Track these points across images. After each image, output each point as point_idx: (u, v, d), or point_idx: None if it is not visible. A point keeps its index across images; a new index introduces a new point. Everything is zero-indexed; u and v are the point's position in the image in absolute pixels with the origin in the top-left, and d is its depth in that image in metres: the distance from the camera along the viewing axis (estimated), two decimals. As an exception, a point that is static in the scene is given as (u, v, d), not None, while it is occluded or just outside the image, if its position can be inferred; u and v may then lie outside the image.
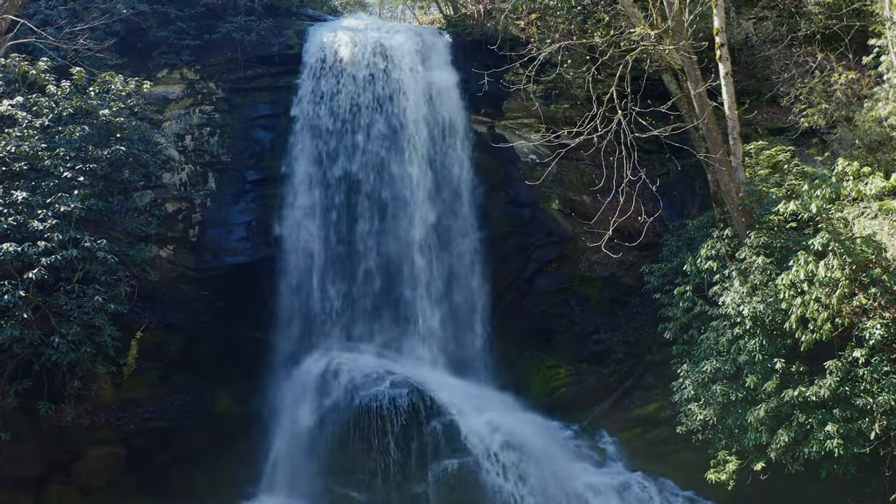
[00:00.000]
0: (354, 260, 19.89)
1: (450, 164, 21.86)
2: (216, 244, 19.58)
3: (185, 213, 19.68)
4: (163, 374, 17.97)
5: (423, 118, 21.81)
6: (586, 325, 21.08)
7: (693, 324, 17.71)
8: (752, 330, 15.59)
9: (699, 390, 16.48)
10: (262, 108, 21.41)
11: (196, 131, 20.52)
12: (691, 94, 16.76)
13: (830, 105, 18.84)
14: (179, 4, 21.27)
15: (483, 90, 23.33)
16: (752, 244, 16.22)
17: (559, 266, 21.72)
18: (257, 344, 19.03)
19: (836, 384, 14.18)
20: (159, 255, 18.85)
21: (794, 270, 14.74)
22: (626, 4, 19.09)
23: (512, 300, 21.35)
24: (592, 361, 20.31)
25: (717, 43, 18.14)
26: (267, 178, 20.59)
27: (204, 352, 18.55)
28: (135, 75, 20.34)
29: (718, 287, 16.67)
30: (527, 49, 24.94)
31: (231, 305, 19.19)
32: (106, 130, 15.63)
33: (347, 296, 19.65)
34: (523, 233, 21.80)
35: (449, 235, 21.02)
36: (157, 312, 17.76)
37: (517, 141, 23.93)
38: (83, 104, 15.53)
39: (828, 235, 14.65)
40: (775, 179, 18.69)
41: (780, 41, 24.63)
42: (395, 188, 20.84)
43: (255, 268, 19.60)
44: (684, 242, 19.86)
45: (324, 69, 21.40)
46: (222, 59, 21.40)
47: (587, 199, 22.74)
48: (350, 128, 20.93)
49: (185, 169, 20.05)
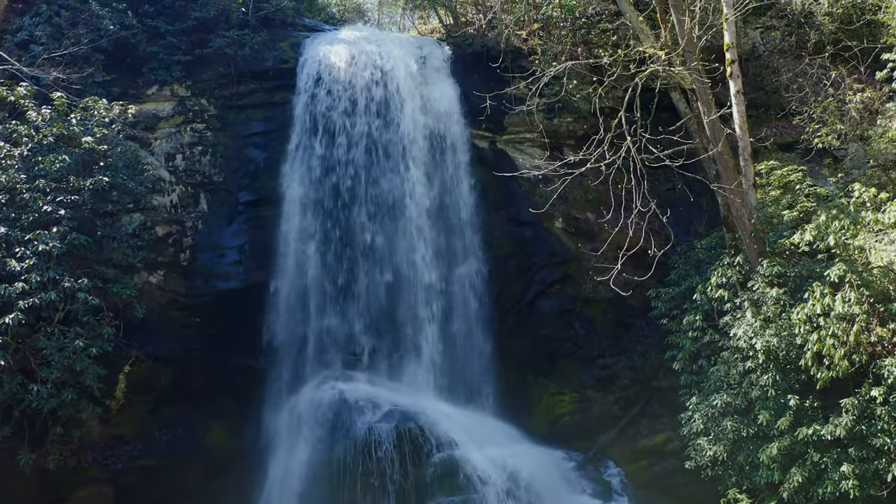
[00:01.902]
0: (351, 284, 19.22)
1: (450, 181, 21.20)
2: (208, 269, 18.91)
3: (176, 237, 18.98)
4: (152, 407, 17.35)
5: (422, 134, 21.14)
6: (591, 348, 20.48)
7: (702, 353, 17.11)
8: (764, 364, 15.00)
9: (709, 424, 15.88)
10: (255, 125, 20.71)
11: (187, 150, 19.81)
12: (703, 120, 16.08)
13: (845, 125, 18.19)
14: (170, 18, 20.51)
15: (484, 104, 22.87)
16: (765, 273, 15.63)
17: (562, 287, 21.11)
18: (251, 372, 18.42)
19: (852, 423, 13.64)
20: (149, 280, 18.20)
21: (809, 304, 14.22)
22: (633, 20, 18.40)
23: (514, 323, 20.73)
24: (597, 388, 19.70)
25: (727, 59, 17.48)
26: (261, 199, 19.91)
27: (196, 381, 17.92)
28: (123, 92, 19.74)
29: (729, 318, 16.05)
30: (529, 60, 24.52)
31: (224, 332, 18.54)
32: (89, 158, 14.94)
33: (344, 321, 19.00)
34: (525, 253, 21.18)
35: (449, 257, 20.37)
36: (146, 343, 17.12)
37: (519, 157, 23.30)
38: (65, 130, 14.83)
39: (844, 266, 14.11)
40: (787, 200, 18.05)
41: (788, 52, 23.99)
42: (393, 208, 20.17)
43: (249, 293, 18.92)
44: (692, 265, 19.23)
45: (319, 84, 20.70)
46: (214, 75, 20.68)
47: (591, 216, 22.12)
48: (346, 146, 20.25)
49: (176, 190, 19.35)
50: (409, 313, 19.49)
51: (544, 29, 24.50)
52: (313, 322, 18.96)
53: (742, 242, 16.97)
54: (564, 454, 18.15)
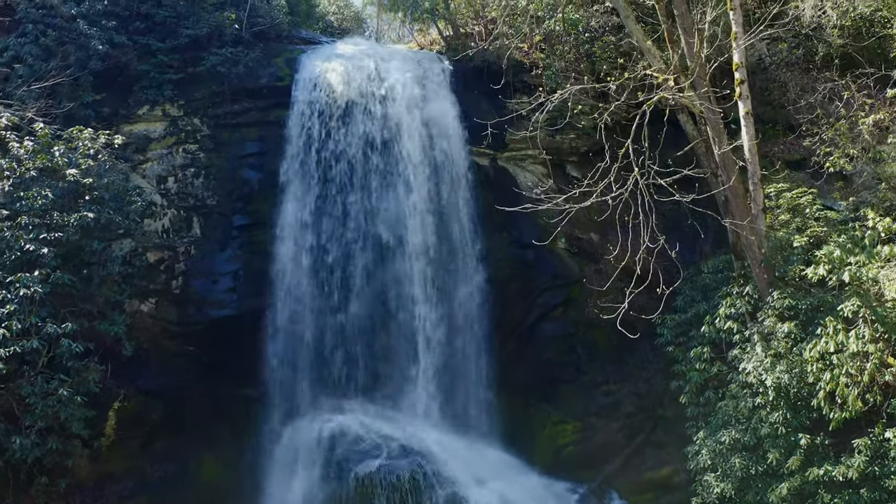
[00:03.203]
0: (349, 310, 18.70)
1: (450, 202, 20.64)
2: (201, 296, 18.39)
3: (168, 263, 18.45)
4: (144, 441, 16.86)
5: (421, 153, 20.57)
6: (594, 373, 20.00)
7: (709, 384, 16.64)
8: (774, 401, 14.56)
9: (716, 460, 15.43)
10: (250, 145, 20.11)
11: (179, 172, 19.24)
12: (714, 151, 15.55)
13: (856, 148, 17.65)
14: (161, 36, 19.89)
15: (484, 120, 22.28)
16: (776, 305, 15.17)
17: (565, 311, 20.62)
18: (246, 402, 17.92)
19: (865, 464, 13.23)
20: (140, 309, 17.66)
21: (822, 342, 13.78)
22: (640, 40, 17.82)
23: (515, 348, 20.23)
24: (601, 415, 19.23)
25: (737, 80, 16.94)
26: (255, 222, 19.35)
27: (189, 413, 17.43)
28: (114, 112, 19.19)
29: (738, 351, 15.60)
30: (531, 75, 23.94)
31: (217, 361, 18.04)
32: (73, 192, 14.37)
33: (341, 349, 18.49)
34: (527, 276, 20.66)
35: (449, 280, 19.83)
36: (137, 377, 16.60)
37: (521, 174, 22.75)
38: (48, 162, 14.27)
39: (858, 301, 13.65)
40: (797, 224, 17.55)
41: (796, 65, 23.40)
42: (391, 231, 19.62)
43: (243, 321, 18.40)
44: (699, 290, 18.72)
45: (315, 103, 20.10)
46: (207, 93, 20.06)
47: (595, 236, 21.59)
48: (343, 166, 19.69)
49: (168, 214, 18.80)
50: (407, 339, 18.99)
51: (546, 41, 23.92)
52: (309, 350, 18.45)
53: (751, 271, 16.49)
54: (569, 486, 17.67)
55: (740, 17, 17.57)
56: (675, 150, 17.08)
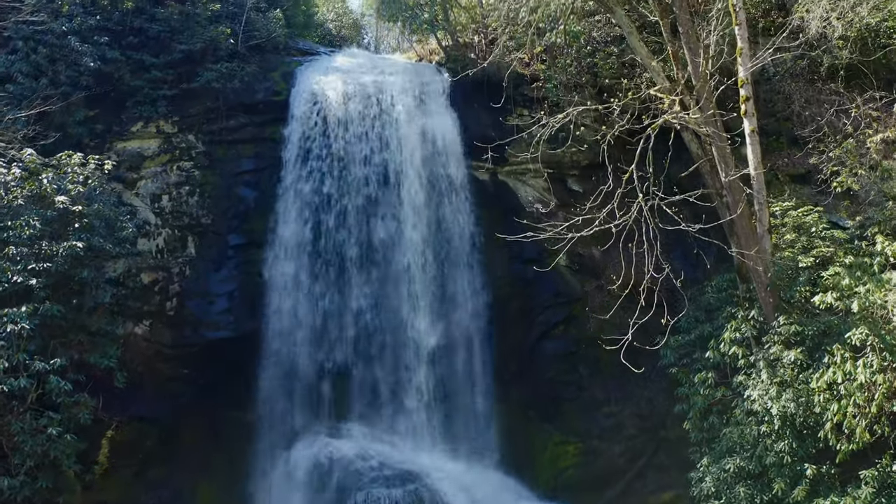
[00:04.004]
0: (345, 331, 18.38)
1: (449, 218, 20.31)
2: (196, 318, 18.06)
3: (162, 284, 18.11)
4: (138, 469, 16.55)
5: (420, 169, 20.24)
6: (596, 392, 19.65)
7: (713, 409, 16.34)
8: (780, 430, 14.26)
9: (720, 488, 15.10)
10: (245, 162, 19.77)
11: (174, 191, 18.89)
12: (722, 179, 15.21)
13: (864, 167, 17.30)
14: (155, 51, 19.51)
15: (484, 134, 21.89)
16: (781, 332, 14.85)
17: (566, 329, 20.28)
18: (242, 426, 17.61)
19: (872, 496, 12.94)
20: (134, 332, 17.34)
21: (829, 371, 13.48)
22: (643, 57, 17.45)
23: (516, 367, 19.90)
24: (603, 437, 18.91)
25: (742, 96, 16.57)
26: (251, 242, 19.02)
27: (184, 437, 17.14)
28: (107, 129, 18.84)
29: (743, 377, 15.27)
30: (531, 87, 23.57)
31: (213, 384, 17.71)
32: (63, 219, 14.03)
33: (338, 371, 18.17)
34: (528, 294, 20.31)
35: (447, 299, 19.50)
36: (130, 405, 16.25)
37: (521, 189, 22.42)
38: (37, 189, 13.92)
39: (866, 330, 13.36)
40: (802, 243, 17.23)
41: (800, 76, 23.03)
42: (389, 249, 19.30)
43: (239, 343, 18.07)
44: (702, 310, 18.39)
45: (312, 118, 19.75)
46: (202, 109, 19.71)
47: (596, 252, 21.22)
48: (341, 183, 19.35)
49: (162, 233, 18.46)
50: (406, 360, 18.68)
51: (547, 52, 23.54)
52: (306, 372, 18.14)
53: (756, 293, 16.17)
54: (570, 510, 17.42)
55: (745, 32, 17.19)
56: (678, 165, 16.80)
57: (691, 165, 18.09)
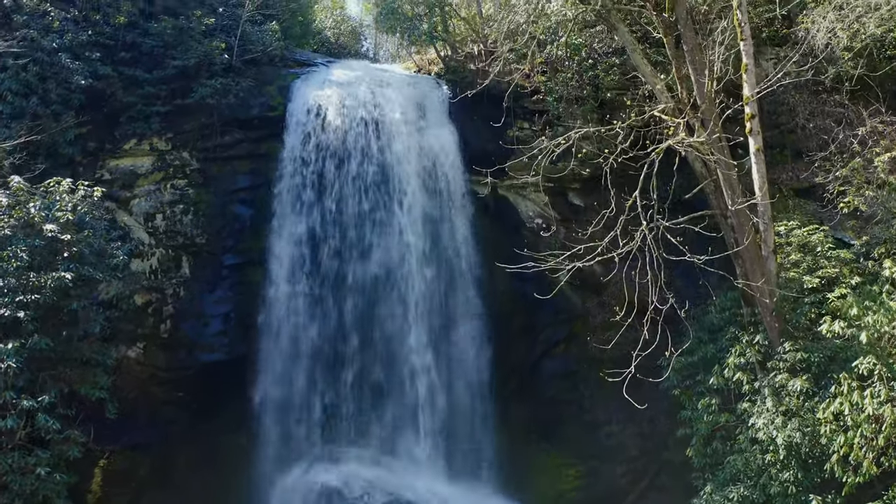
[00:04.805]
0: (343, 352, 18.07)
1: (449, 235, 19.99)
2: (190, 340, 17.76)
3: (156, 306, 17.79)
4: (132, 498, 16.27)
5: (418, 185, 19.92)
6: (597, 412, 19.36)
7: (716, 434, 16.07)
8: (785, 460, 14.00)
9: (724, 515, 14.89)
10: (241, 179, 19.43)
11: (167, 209, 18.53)
12: (729, 207, 14.87)
13: (872, 188, 16.97)
14: (148, 66, 19.16)
15: (484, 148, 21.53)
16: (787, 359, 14.59)
17: (567, 347, 20.00)
18: (237, 450, 17.31)
19: (878, 528, 12.69)
20: (127, 355, 17.03)
21: (836, 402, 13.22)
22: (646, 75, 17.11)
23: (517, 387, 19.62)
24: (604, 458, 18.63)
25: (747, 114, 16.23)
26: (246, 261, 18.70)
27: (179, 463, 16.85)
28: (100, 146, 18.51)
29: (748, 405, 14.99)
30: (532, 100, 23.22)
31: (207, 407, 17.41)
32: (51, 248, 13.71)
33: (336, 393, 17.88)
34: (529, 311, 19.98)
35: (448, 318, 19.20)
36: (124, 433, 15.92)
37: (522, 203, 22.12)
38: (24, 217, 13.59)
39: (874, 360, 13.09)
40: (808, 263, 16.94)
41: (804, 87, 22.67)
42: (388, 266, 18.97)
43: (234, 365, 17.78)
44: (706, 330, 18.09)
45: (309, 134, 19.39)
46: (196, 125, 19.34)
47: (598, 268, 20.86)
48: (338, 200, 19.01)
49: (156, 253, 18.13)
50: (404, 381, 18.35)
51: (548, 63, 23.18)
52: (302, 394, 17.83)
53: (761, 317, 15.87)
54: (570, 536, 17.16)
55: (751, 48, 16.87)
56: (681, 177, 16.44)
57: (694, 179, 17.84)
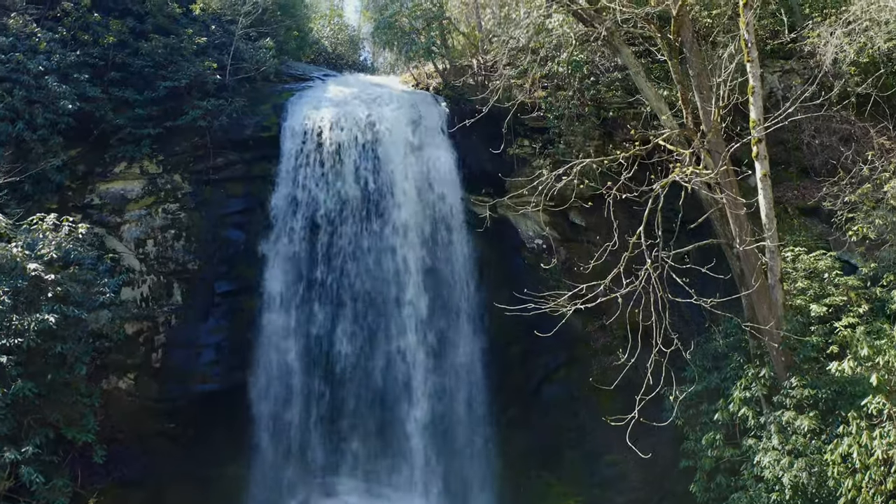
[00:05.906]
0: (338, 381, 17.65)
1: (447, 257, 19.55)
2: (182, 370, 17.34)
3: (147, 335, 17.37)
4: (122, 536, 15.93)
5: (417, 205, 19.51)
6: (598, 440, 18.95)
7: (721, 467, 15.71)
8: (791, 500, 13.64)
9: (730, 556, 14.55)
10: (234, 202, 18.97)
11: (159, 235, 18.09)
12: (737, 248, 14.44)
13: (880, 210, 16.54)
14: (138, 86, 18.68)
15: (483, 168, 21.08)
16: (794, 395, 14.20)
17: (568, 372, 19.57)
18: (230, 482, 16.92)
19: (888, 572, 12.33)
20: (117, 386, 16.63)
21: (844, 443, 12.85)
22: (650, 98, 16.66)
23: (516, 414, 19.21)
24: (605, 487, 18.23)
25: (753, 138, 15.77)
26: (240, 288, 18.25)
27: (170, 498, 16.43)
28: (89, 171, 18.09)
29: (753, 441, 14.62)
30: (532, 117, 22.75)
31: (200, 439, 17.03)
32: (35, 287, 13.28)
33: (330, 422, 17.46)
34: (529, 335, 19.54)
35: (446, 343, 18.76)
36: (114, 468, 15.56)
37: (522, 223, 21.69)
38: (7, 256, 13.15)
39: (883, 399, 12.74)
40: (815, 291, 16.55)
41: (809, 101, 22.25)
42: (385, 291, 18.55)
43: (228, 396, 17.36)
44: (709, 359, 17.69)
45: (304, 155, 18.92)
46: (188, 147, 18.88)
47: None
48: (334, 224, 18.57)
49: (147, 281, 17.69)
50: (400, 410, 17.95)
51: (549, 79, 22.70)
52: (297, 425, 17.43)
53: (767, 349, 15.46)
54: (571, 570, 16.80)
55: (758, 69, 16.37)
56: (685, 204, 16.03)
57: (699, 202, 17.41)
